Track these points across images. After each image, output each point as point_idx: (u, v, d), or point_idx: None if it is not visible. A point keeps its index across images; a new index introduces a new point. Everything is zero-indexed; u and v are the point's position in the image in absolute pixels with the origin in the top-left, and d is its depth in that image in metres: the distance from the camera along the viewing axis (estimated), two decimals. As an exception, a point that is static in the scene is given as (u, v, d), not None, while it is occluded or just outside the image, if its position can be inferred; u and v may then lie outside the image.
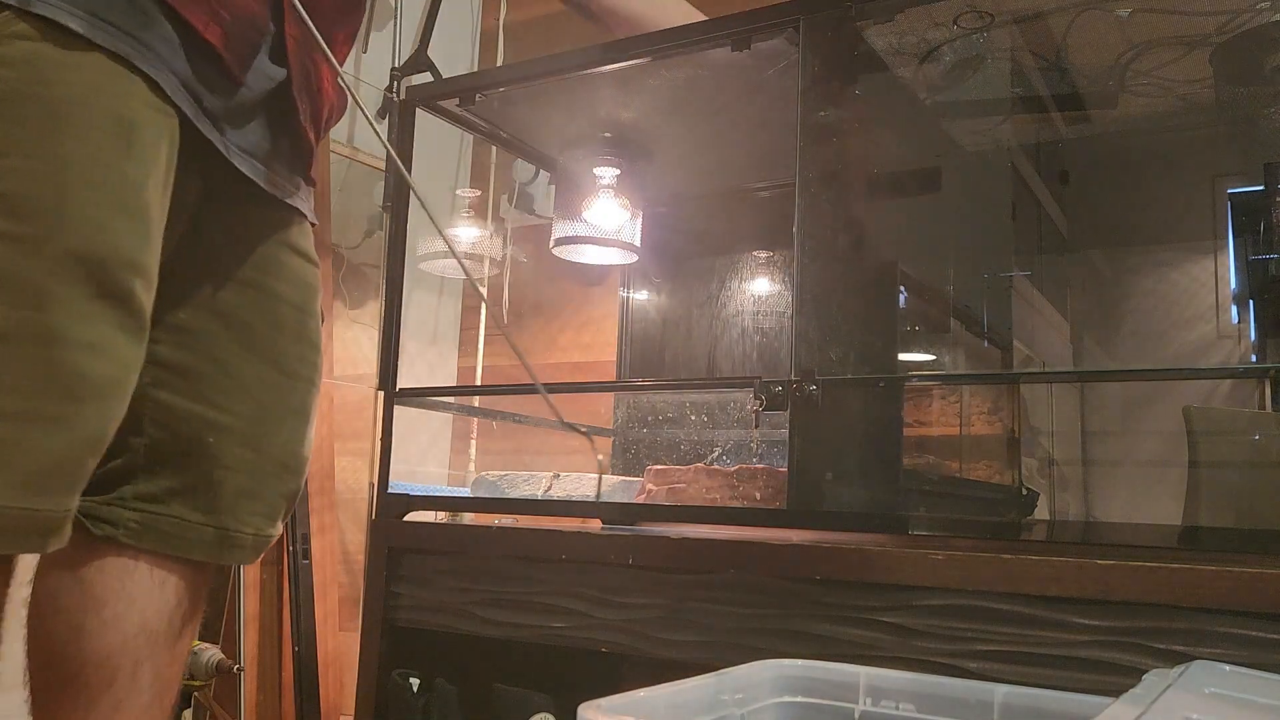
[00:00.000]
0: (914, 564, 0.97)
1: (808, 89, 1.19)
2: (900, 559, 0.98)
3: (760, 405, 1.14)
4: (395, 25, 2.24)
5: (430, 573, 1.27)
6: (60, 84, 0.79)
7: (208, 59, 0.87)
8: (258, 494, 0.98)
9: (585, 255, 1.75)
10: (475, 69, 2.45)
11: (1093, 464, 1.57)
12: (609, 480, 1.46)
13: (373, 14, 2.21)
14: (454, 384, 2.35)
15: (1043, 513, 1.54)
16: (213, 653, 1.57)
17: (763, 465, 1.31)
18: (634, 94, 1.46)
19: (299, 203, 1.02)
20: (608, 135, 1.61)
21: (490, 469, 1.53)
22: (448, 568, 1.26)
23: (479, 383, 2.30)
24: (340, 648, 1.96)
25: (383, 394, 1.42)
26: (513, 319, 2.27)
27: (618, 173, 1.64)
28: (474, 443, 2.28)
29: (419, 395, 1.55)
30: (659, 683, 0.73)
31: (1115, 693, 0.65)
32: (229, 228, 0.97)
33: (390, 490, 1.37)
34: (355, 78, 2.15)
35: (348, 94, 1.04)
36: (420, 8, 2.27)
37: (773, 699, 0.82)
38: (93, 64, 0.80)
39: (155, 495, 0.94)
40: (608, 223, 1.67)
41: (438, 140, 2.34)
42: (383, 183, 2.14)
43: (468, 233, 2.15)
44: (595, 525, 1.37)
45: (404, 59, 2.16)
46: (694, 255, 1.95)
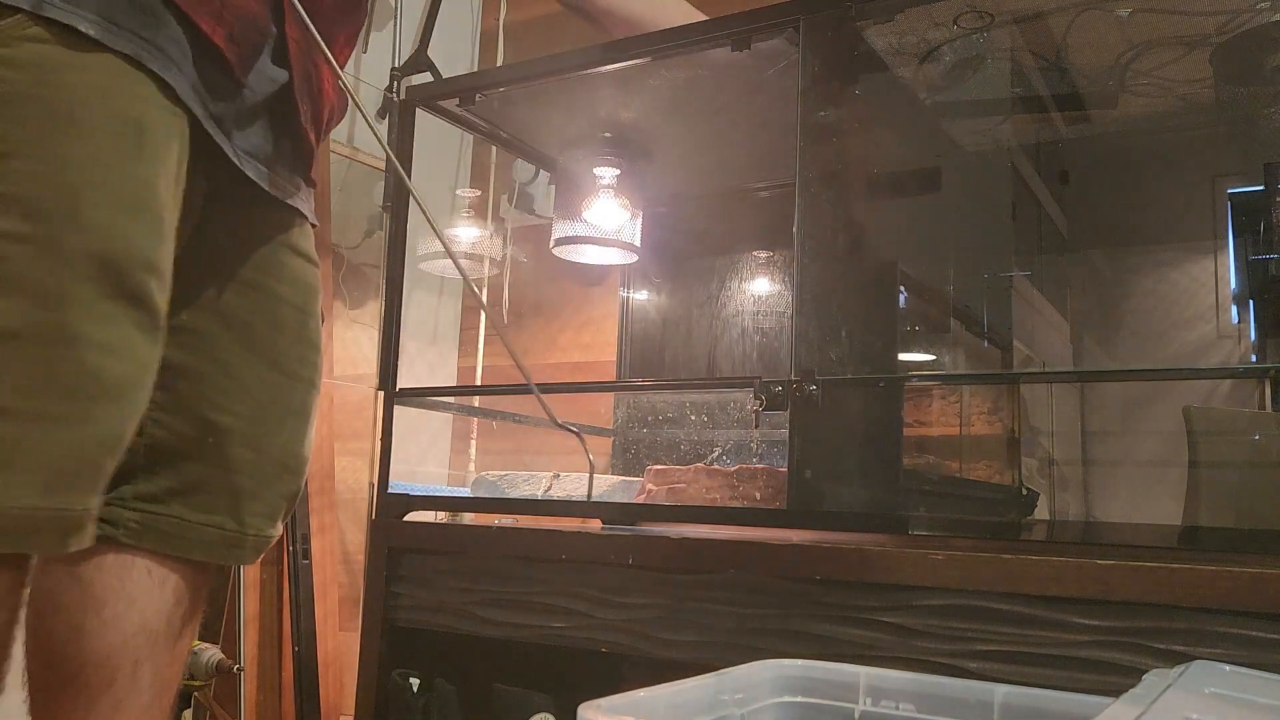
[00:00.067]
0: (914, 564, 0.97)
1: (808, 89, 1.19)
2: (900, 559, 0.98)
3: (760, 405, 1.14)
4: (395, 25, 2.24)
5: (430, 573, 1.27)
6: (71, 86, 0.79)
7: (213, 61, 0.88)
8: (258, 494, 0.99)
9: (585, 255, 1.75)
10: (475, 69, 2.45)
11: (1093, 464, 1.57)
12: (609, 480, 1.46)
13: (373, 14, 2.21)
14: (454, 384, 2.35)
15: (1043, 513, 1.54)
16: (213, 653, 1.57)
17: (763, 465, 1.31)
18: (634, 94, 1.46)
19: (300, 204, 1.02)
20: (608, 135, 1.61)
21: (490, 469, 1.53)
22: (448, 568, 1.26)
23: (479, 383, 2.30)
24: (340, 648, 1.96)
25: (383, 394, 1.42)
26: (513, 319, 2.27)
27: (618, 173, 1.64)
28: (474, 443, 2.28)
29: (419, 395, 1.55)
30: (659, 683, 0.73)
31: (1115, 693, 0.65)
32: (232, 229, 0.97)
33: (390, 490, 1.37)
34: (355, 78, 2.15)
35: (348, 95, 1.04)
36: (420, 8, 2.27)
37: (773, 699, 0.82)
38: (103, 66, 0.80)
39: (155, 495, 0.94)
40: (608, 223, 1.67)
41: (438, 140, 2.34)
42: (383, 183, 2.14)
43: (468, 233, 2.15)
44: (595, 525, 1.37)
45: (404, 59, 2.16)
46: (694, 255, 1.95)
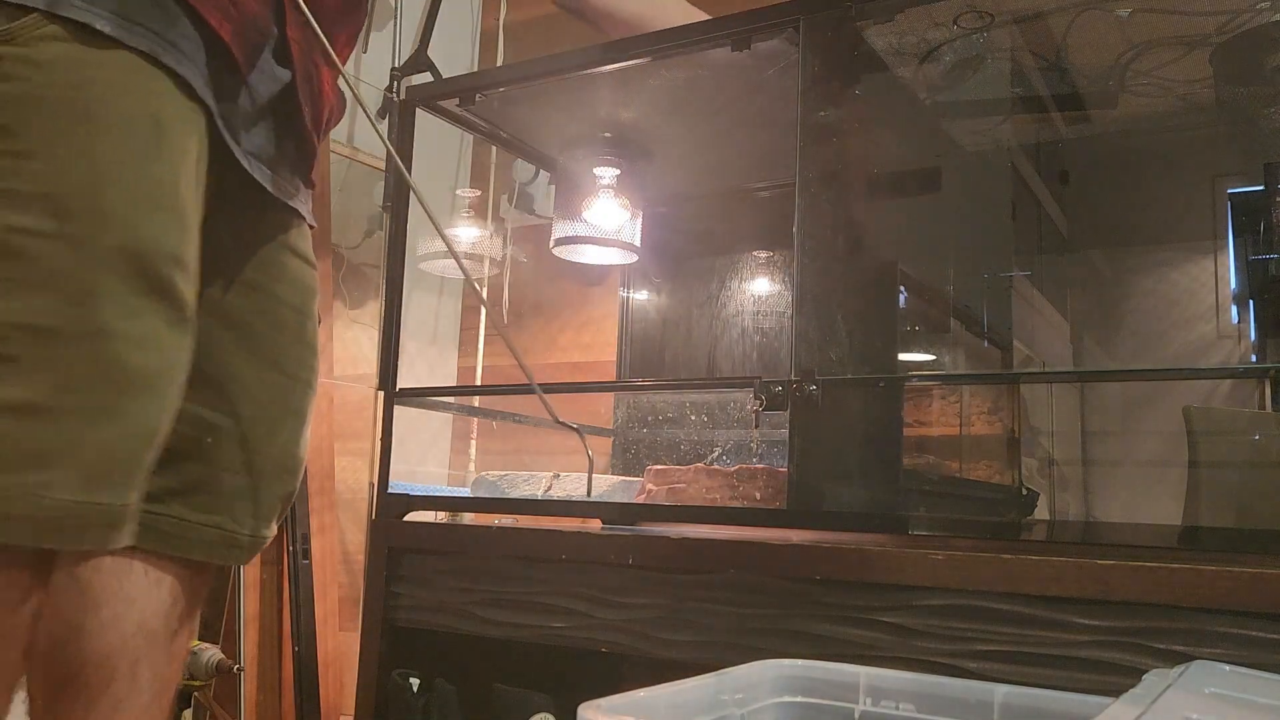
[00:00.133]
0: (914, 564, 0.97)
1: (808, 89, 1.19)
2: (900, 559, 0.98)
3: (760, 405, 1.13)
4: (395, 25, 2.24)
5: (430, 573, 1.27)
6: (91, 84, 0.80)
7: (221, 58, 0.88)
8: (255, 494, 0.99)
9: (585, 255, 1.75)
10: (475, 69, 2.45)
11: (1093, 464, 1.57)
12: (609, 480, 1.45)
13: (373, 14, 2.21)
14: (454, 384, 2.35)
15: (1043, 513, 1.54)
16: (213, 653, 1.57)
17: (763, 465, 1.31)
18: (634, 94, 1.46)
19: (299, 205, 1.03)
20: (608, 135, 1.61)
21: (490, 469, 1.53)
22: (448, 568, 1.26)
23: (479, 383, 2.30)
24: (340, 648, 1.96)
25: (383, 394, 1.42)
26: (513, 319, 2.27)
27: (618, 173, 1.64)
28: (474, 443, 2.28)
29: (419, 395, 1.55)
30: (659, 683, 0.73)
31: (1115, 693, 0.65)
32: (236, 230, 0.98)
33: (390, 490, 1.37)
34: (355, 78, 2.15)
35: (348, 95, 1.04)
36: (420, 8, 2.27)
37: (773, 699, 0.82)
38: (121, 63, 0.81)
39: (155, 495, 0.94)
40: (608, 223, 1.67)
41: (438, 140, 2.34)
42: (383, 183, 2.14)
43: (468, 233, 2.15)
44: (595, 525, 1.37)
45: (404, 59, 2.16)
46: (694, 255, 1.95)
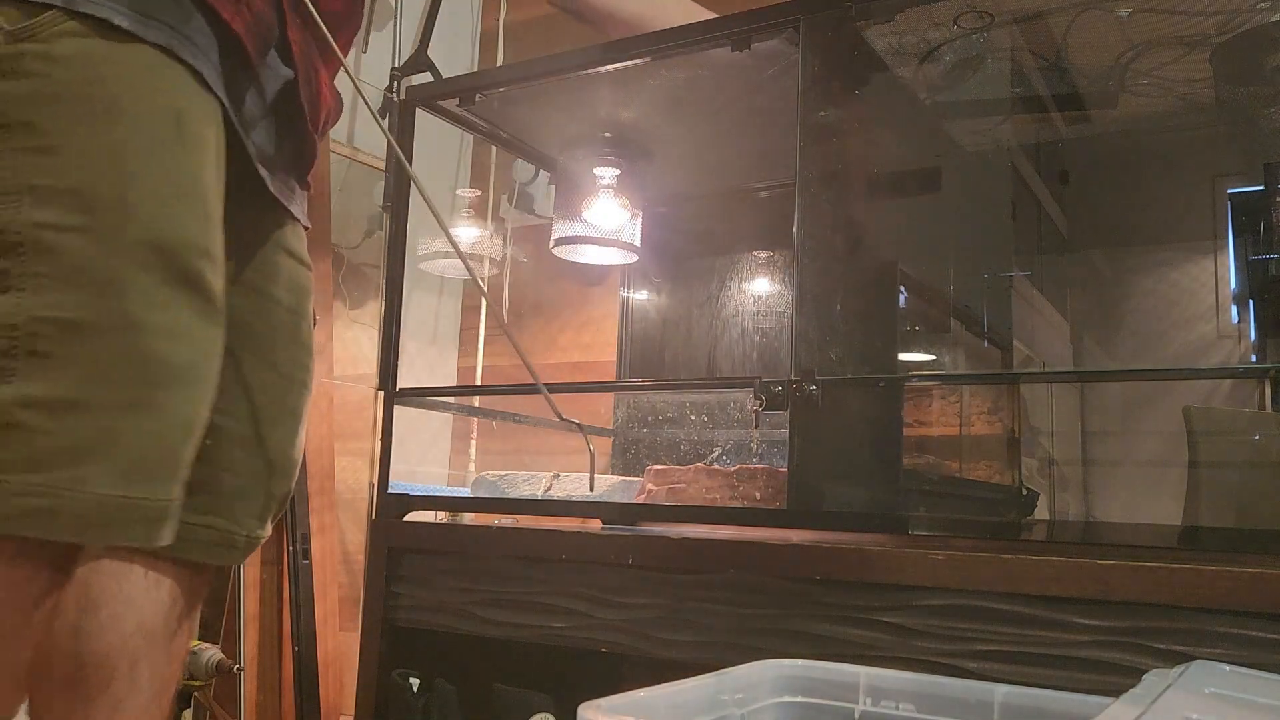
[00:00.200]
0: (914, 564, 0.97)
1: (808, 89, 1.19)
2: (900, 559, 0.98)
3: (760, 405, 1.13)
4: (395, 25, 2.24)
5: (430, 573, 1.27)
6: (112, 79, 0.80)
7: (233, 55, 0.89)
8: (252, 495, 0.99)
9: (585, 255, 1.75)
10: (475, 69, 2.44)
11: (1093, 464, 1.57)
12: (609, 480, 1.45)
13: (373, 14, 2.21)
14: (454, 384, 2.35)
15: (1043, 513, 1.54)
16: (213, 653, 1.57)
17: (763, 465, 1.31)
18: (634, 94, 1.46)
19: (295, 206, 1.03)
20: (608, 135, 1.61)
21: (490, 469, 1.53)
22: (448, 568, 1.26)
23: (479, 383, 2.30)
24: (340, 648, 1.96)
25: (383, 394, 1.42)
26: (513, 319, 2.27)
27: (618, 173, 1.64)
28: (474, 443, 2.28)
29: (419, 395, 1.55)
30: (659, 683, 0.73)
31: (1115, 693, 0.65)
32: (237, 230, 0.98)
33: (390, 490, 1.37)
34: (361, 80, 2.14)
35: (347, 95, 1.04)
36: (420, 8, 2.27)
37: (773, 699, 0.82)
38: (140, 57, 0.82)
39: None
40: (608, 223, 1.67)
41: (438, 140, 2.34)
42: (383, 183, 2.14)
43: (468, 233, 2.15)
44: (595, 525, 1.37)
45: (404, 59, 2.16)
46: (694, 255, 1.95)
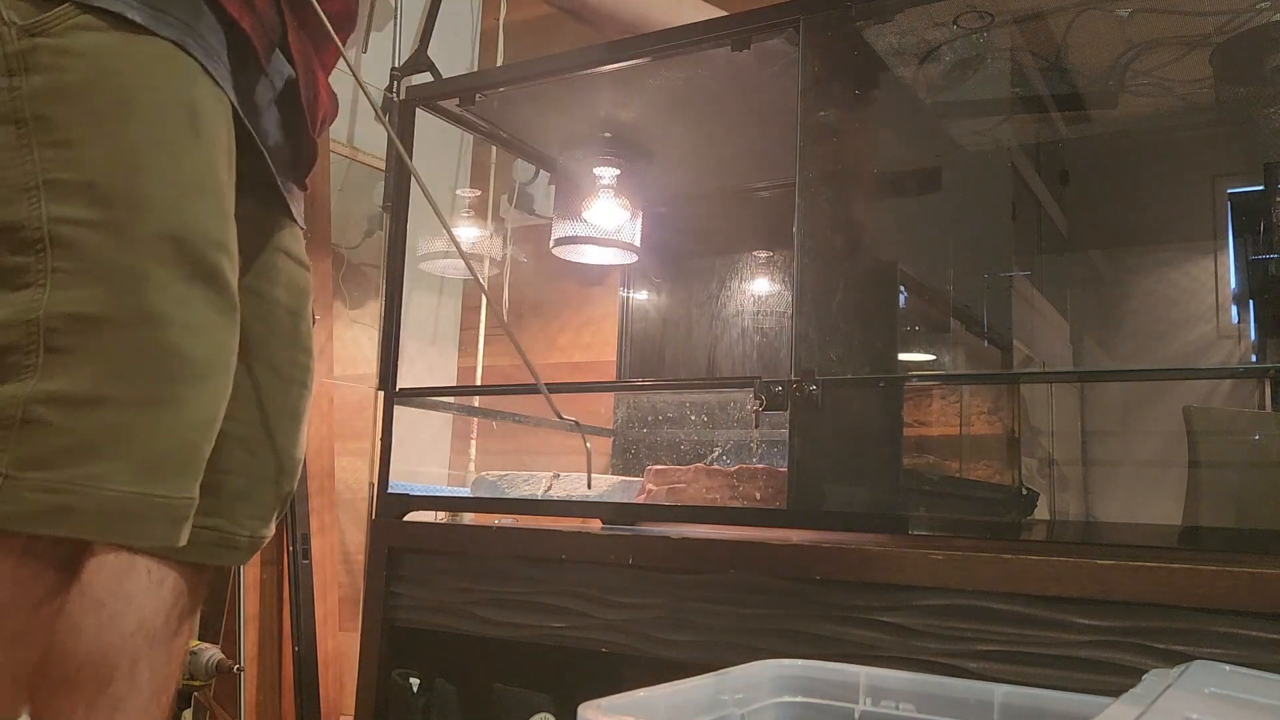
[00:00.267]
0: (914, 564, 0.97)
1: (808, 89, 1.19)
2: (900, 559, 0.98)
3: (760, 405, 1.13)
4: (395, 25, 2.24)
5: (430, 573, 1.27)
6: (127, 73, 0.80)
7: (241, 53, 0.89)
8: (254, 496, 0.99)
9: (585, 255, 1.75)
10: (475, 69, 2.44)
11: (1093, 464, 1.57)
12: (609, 480, 1.45)
13: (373, 14, 2.21)
14: (454, 384, 2.35)
15: (1043, 513, 1.54)
16: (213, 653, 1.57)
17: (763, 465, 1.31)
18: (634, 94, 1.46)
19: (293, 207, 1.03)
20: (608, 135, 1.61)
21: (490, 469, 1.53)
22: (448, 568, 1.26)
23: (479, 383, 2.30)
24: (340, 648, 1.96)
25: (383, 394, 1.42)
26: (513, 319, 2.27)
27: (618, 173, 1.64)
28: (474, 443, 2.28)
29: (419, 395, 1.55)
30: (659, 683, 0.73)
31: (1115, 693, 0.65)
32: (241, 232, 0.98)
33: (390, 490, 1.37)
34: (366, 81, 2.15)
35: (347, 96, 1.05)
36: (420, 8, 2.27)
37: (773, 699, 0.82)
38: (153, 51, 0.82)
39: None
40: (608, 223, 1.67)
41: (438, 140, 2.34)
42: (383, 183, 2.13)
43: (468, 233, 2.15)
44: (595, 525, 1.37)
45: (404, 59, 2.16)
46: (694, 255, 1.95)
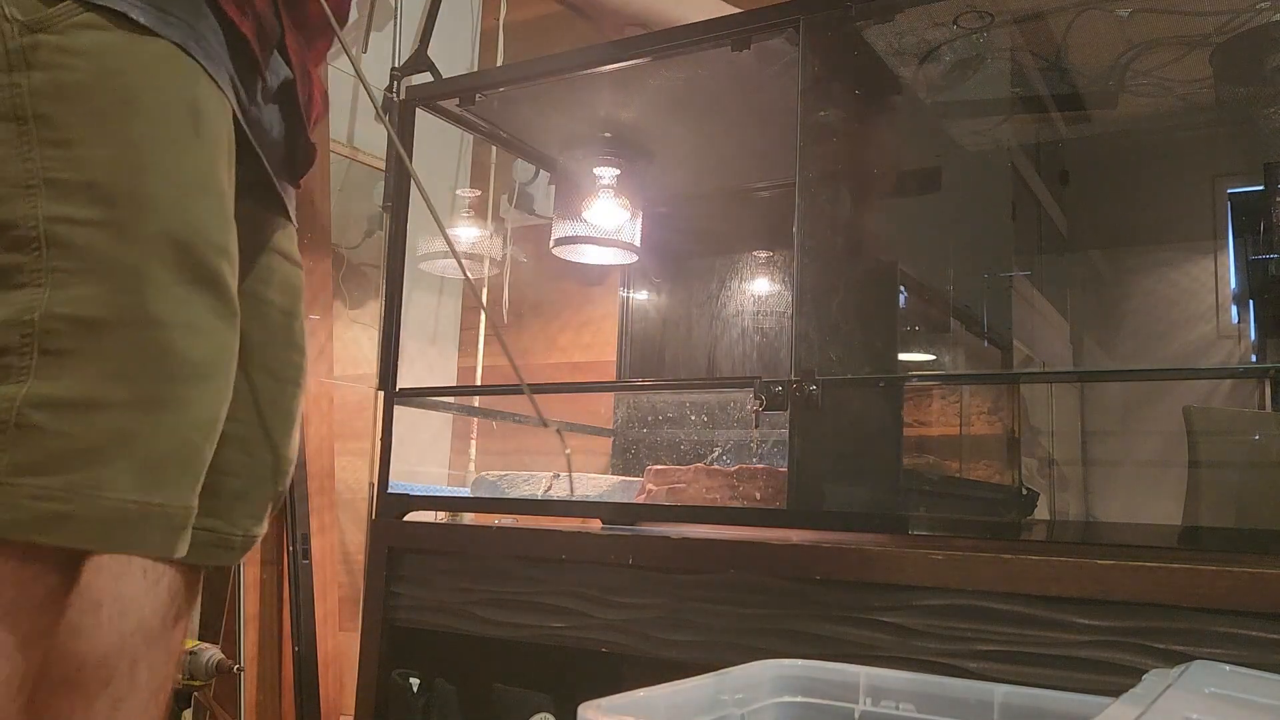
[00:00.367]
0: (914, 564, 0.97)
1: (808, 89, 1.19)
2: (900, 559, 0.98)
3: (760, 405, 1.13)
4: (395, 25, 2.24)
5: (430, 573, 1.27)
6: (130, 72, 0.79)
7: (241, 56, 0.89)
8: (249, 496, 0.99)
9: (585, 255, 1.75)
10: (475, 69, 2.44)
11: (1093, 464, 1.57)
12: (609, 480, 1.45)
13: (373, 14, 2.21)
14: (454, 384, 2.35)
15: (1043, 513, 1.54)
16: (213, 653, 1.57)
17: (763, 465, 1.31)
18: (634, 94, 1.46)
19: (289, 205, 1.02)
20: (608, 135, 1.61)
21: (490, 469, 1.53)
22: (448, 568, 1.26)
23: (479, 383, 2.30)
24: (340, 648, 1.96)
25: (383, 394, 1.42)
26: (513, 319, 2.27)
27: (618, 173, 1.64)
28: (474, 443, 2.28)
29: (419, 395, 1.55)
30: (659, 683, 0.73)
31: (1115, 693, 0.65)
32: (238, 234, 0.98)
33: (390, 490, 1.37)
34: (356, 77, 2.15)
35: (347, 96, 1.04)
36: (420, 8, 2.27)
37: (773, 699, 0.82)
38: (156, 51, 0.81)
39: None
40: (608, 223, 1.67)
41: (438, 140, 2.34)
42: (383, 183, 2.14)
43: (468, 233, 2.15)
44: (595, 525, 1.37)
45: (404, 59, 2.16)
46: (694, 255, 1.95)
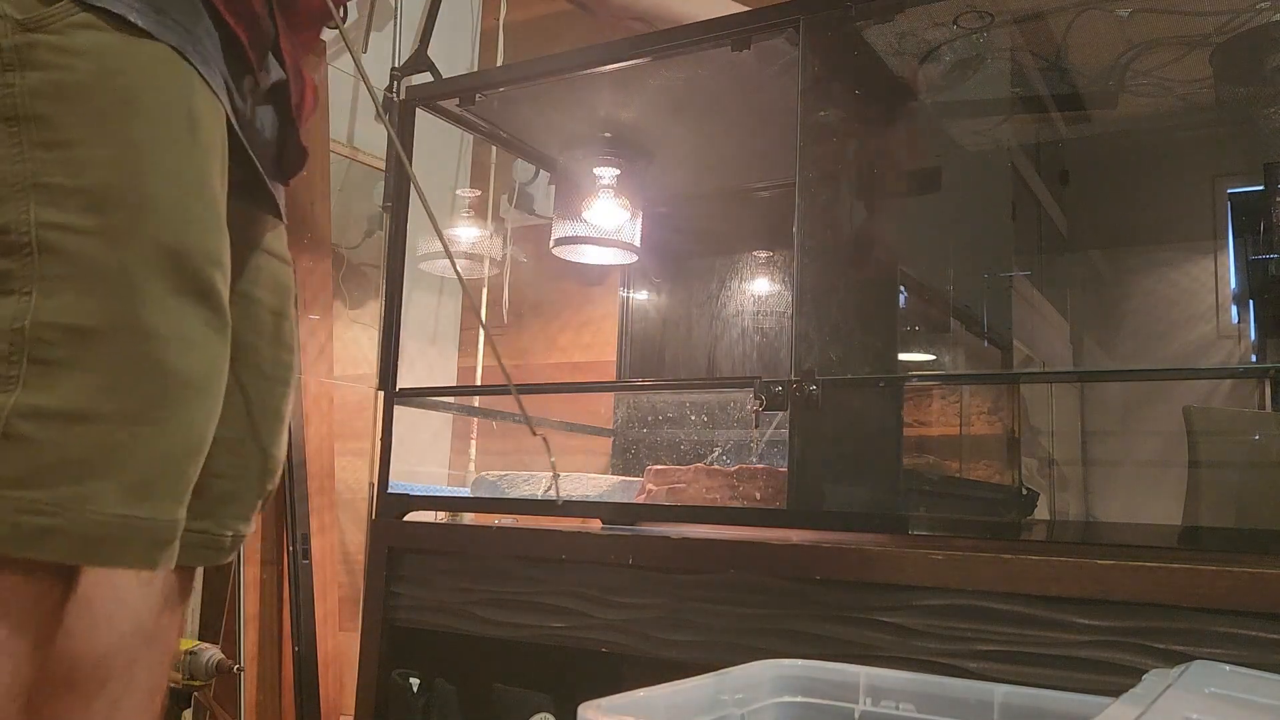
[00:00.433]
0: (914, 564, 0.97)
1: (808, 89, 1.19)
2: (900, 559, 0.98)
3: (760, 405, 1.13)
4: (395, 25, 2.24)
5: (430, 573, 1.27)
6: (129, 74, 0.78)
7: (236, 60, 0.88)
8: (237, 496, 0.98)
9: (585, 255, 1.75)
10: (475, 69, 2.44)
11: (1093, 464, 1.57)
12: (609, 480, 1.46)
13: (373, 14, 2.21)
14: (454, 384, 2.35)
15: (1043, 513, 1.54)
16: (213, 653, 1.57)
17: (763, 465, 1.31)
18: (634, 94, 1.46)
19: (279, 203, 1.02)
20: (608, 135, 1.61)
21: (490, 469, 1.53)
22: (448, 568, 1.26)
23: (479, 383, 2.30)
24: (340, 648, 1.96)
25: (383, 394, 1.42)
26: (513, 319, 2.27)
27: (618, 173, 1.64)
28: (474, 443, 2.28)
29: (419, 395, 1.55)
30: (659, 683, 0.73)
31: (1115, 693, 0.65)
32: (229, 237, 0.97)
33: (390, 490, 1.37)
34: (355, 77, 2.15)
35: (348, 96, 1.04)
36: (420, 8, 2.27)
37: (773, 699, 0.82)
38: (155, 55, 0.80)
39: None
40: (608, 223, 1.67)
41: (438, 140, 2.34)
42: (383, 183, 2.14)
43: (468, 233, 2.15)
44: (595, 525, 1.37)
45: (404, 59, 2.16)
46: (694, 255, 1.95)
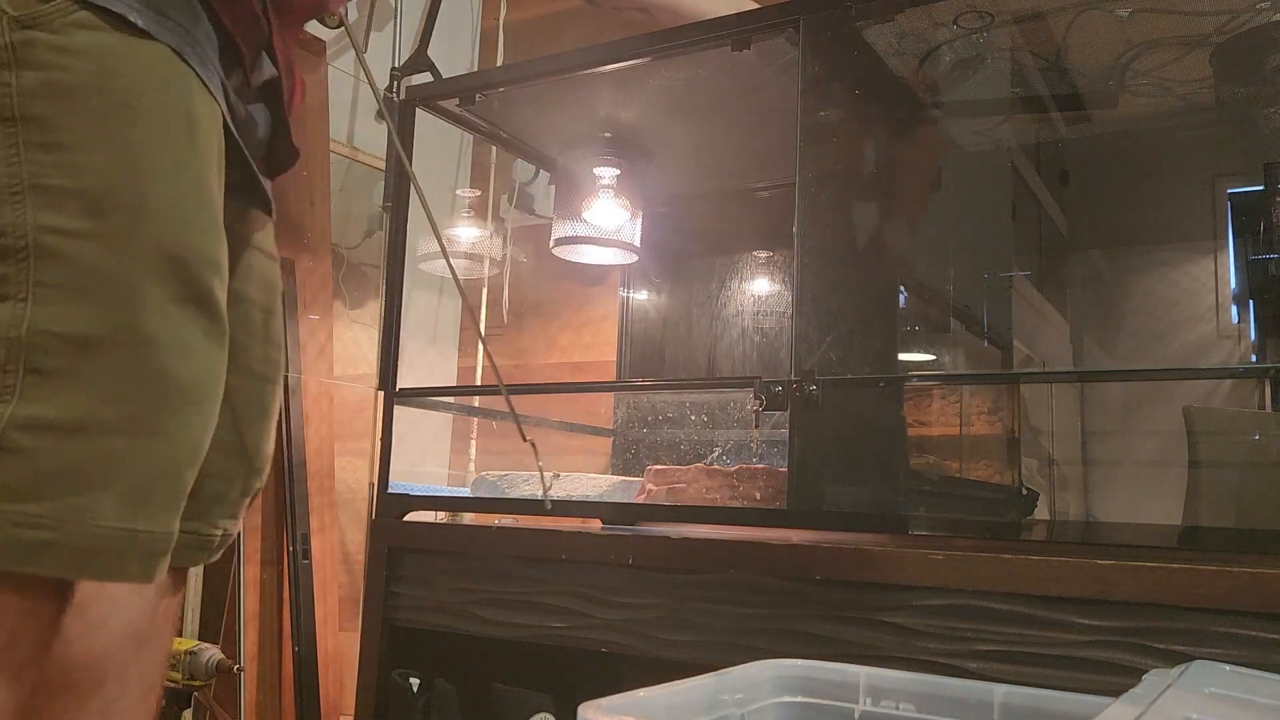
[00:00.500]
0: (914, 564, 0.97)
1: (808, 89, 1.19)
2: (900, 559, 0.98)
3: (760, 405, 1.14)
4: (395, 25, 2.24)
5: (430, 573, 1.27)
6: (128, 75, 0.77)
7: (232, 58, 0.87)
8: (226, 496, 0.98)
9: (585, 255, 1.75)
10: (475, 69, 2.44)
11: (1093, 464, 1.57)
12: (609, 480, 1.46)
13: (373, 14, 2.21)
14: (454, 384, 2.35)
15: (1043, 513, 1.54)
16: (213, 653, 1.57)
17: (763, 465, 1.31)
18: (634, 94, 1.46)
19: (270, 199, 1.02)
20: (608, 135, 1.61)
21: (490, 469, 1.53)
22: (448, 568, 1.26)
23: (479, 383, 2.30)
24: (340, 648, 1.96)
25: (383, 394, 1.42)
26: (513, 319, 2.27)
27: (618, 173, 1.64)
28: (474, 443, 2.28)
29: (419, 395, 1.55)
30: (659, 683, 0.73)
31: (1115, 693, 0.65)
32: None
33: (390, 490, 1.37)
34: (355, 77, 2.15)
35: (348, 96, 1.04)
36: (420, 8, 2.27)
37: (773, 699, 0.82)
38: (154, 56, 0.78)
39: None
40: (608, 223, 1.67)
41: (438, 140, 2.34)
42: (383, 183, 2.14)
43: (468, 233, 2.15)
44: (595, 525, 1.37)
45: (404, 59, 2.16)
46: (694, 255, 1.95)
